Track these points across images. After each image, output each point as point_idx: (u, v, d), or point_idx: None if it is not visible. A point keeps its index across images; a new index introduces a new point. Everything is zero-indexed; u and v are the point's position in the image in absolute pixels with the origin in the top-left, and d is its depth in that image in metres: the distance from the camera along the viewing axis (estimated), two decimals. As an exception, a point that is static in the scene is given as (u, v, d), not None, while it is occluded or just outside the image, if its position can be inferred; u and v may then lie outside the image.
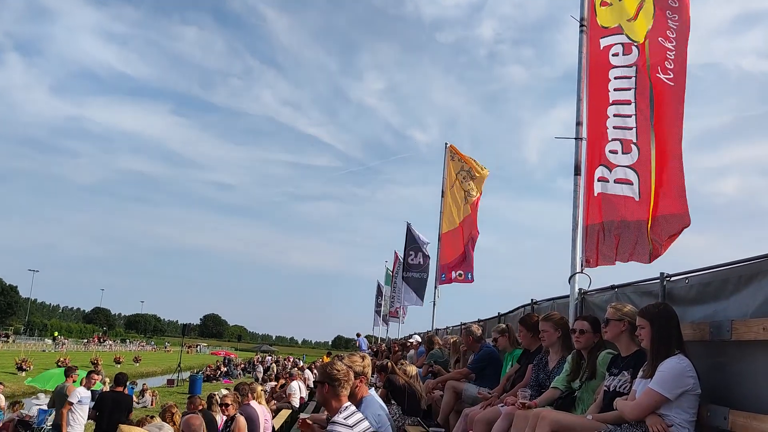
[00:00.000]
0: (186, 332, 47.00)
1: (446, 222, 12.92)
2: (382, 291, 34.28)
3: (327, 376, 4.36)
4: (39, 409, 15.68)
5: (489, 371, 6.91)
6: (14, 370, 33.59)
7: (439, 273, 13.06)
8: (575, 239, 5.59)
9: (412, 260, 19.30)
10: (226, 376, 40.66)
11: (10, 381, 29.84)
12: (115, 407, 10.19)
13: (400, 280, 21.82)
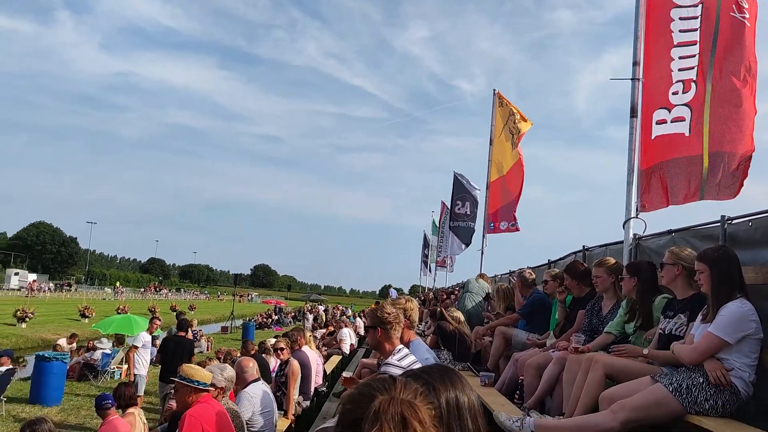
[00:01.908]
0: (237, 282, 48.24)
1: (494, 170, 12.74)
2: (429, 241, 34.37)
3: (378, 319, 4.40)
4: (102, 353, 16.48)
5: (539, 317, 6.88)
6: (78, 317, 35.23)
7: (487, 222, 12.96)
8: (630, 183, 5.45)
9: (459, 210, 19.17)
10: (277, 324, 41.81)
11: (74, 327, 31.33)
12: (178, 350, 10.67)
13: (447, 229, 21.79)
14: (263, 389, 6.62)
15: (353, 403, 1.06)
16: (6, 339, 24.69)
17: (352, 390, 1.11)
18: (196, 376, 5.00)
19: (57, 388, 13.03)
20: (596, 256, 6.63)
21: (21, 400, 12.80)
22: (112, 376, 16.08)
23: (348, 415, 1.05)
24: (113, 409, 6.91)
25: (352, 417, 1.04)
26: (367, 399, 1.04)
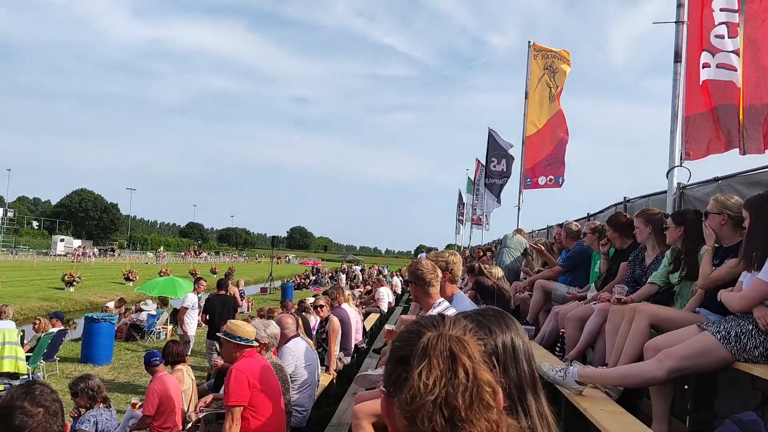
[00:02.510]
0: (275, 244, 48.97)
1: (530, 124, 12.53)
2: (464, 199, 34.22)
3: (413, 275, 4.42)
4: (148, 314, 16.95)
5: (580, 270, 6.82)
6: (122, 280, 36.24)
7: (523, 177, 12.81)
8: (674, 131, 5.30)
9: (495, 167, 18.99)
10: (314, 284, 42.40)
11: (119, 290, 32.26)
12: (224, 308, 11.00)
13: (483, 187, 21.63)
14: (305, 345, 6.75)
15: (402, 340, 1.06)
16: (56, 302, 25.56)
17: (401, 329, 1.11)
18: (240, 332, 5.10)
19: (106, 347, 13.50)
20: (638, 207, 6.51)
21: (73, 360, 13.31)
22: (158, 336, 16.57)
23: (397, 352, 1.05)
24: (162, 365, 7.11)
25: (400, 354, 1.04)
26: (416, 336, 1.04)
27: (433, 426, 0.94)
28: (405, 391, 0.97)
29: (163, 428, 6.63)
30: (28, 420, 2.18)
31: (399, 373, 1.01)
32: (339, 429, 6.30)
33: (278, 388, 5.19)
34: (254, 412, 4.83)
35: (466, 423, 0.94)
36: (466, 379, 0.96)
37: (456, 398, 0.94)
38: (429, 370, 0.96)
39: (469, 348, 1.00)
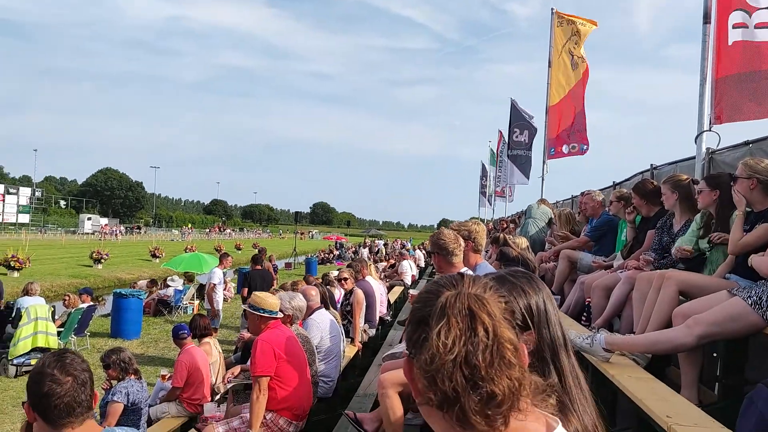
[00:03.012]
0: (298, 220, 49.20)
1: (554, 93, 12.33)
2: (487, 172, 33.97)
3: (436, 245, 4.41)
4: (175, 289, 17.20)
5: (607, 239, 6.74)
6: (149, 257, 36.80)
7: (547, 147, 12.65)
8: (702, 95, 5.17)
9: (517, 138, 18.79)
10: (338, 258, 42.63)
11: (146, 267, 32.77)
12: (263, 282, 11.24)
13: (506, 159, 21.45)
14: (329, 316, 6.79)
15: (421, 301, 1.04)
16: (85, 279, 26.05)
17: (420, 290, 1.09)
18: (264, 305, 5.14)
19: (135, 322, 13.74)
20: (665, 174, 6.39)
21: (103, 335, 13.58)
22: (185, 311, 16.81)
23: (417, 313, 1.03)
24: (189, 338, 7.21)
25: (420, 315, 1.02)
26: (434, 296, 1.02)
27: (453, 385, 0.92)
28: (424, 351, 0.95)
29: (192, 399, 6.75)
30: (56, 387, 2.23)
31: (419, 334, 1.00)
32: (365, 399, 6.35)
33: (304, 359, 5.24)
34: (281, 382, 4.88)
35: (486, 381, 0.92)
36: (486, 337, 0.94)
37: (476, 357, 0.93)
38: (447, 329, 0.95)
39: (488, 305, 0.98)
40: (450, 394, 0.92)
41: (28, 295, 10.92)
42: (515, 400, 0.94)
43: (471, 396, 0.92)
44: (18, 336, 10.19)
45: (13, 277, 23.59)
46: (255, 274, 12.10)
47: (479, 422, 0.92)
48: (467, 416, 0.92)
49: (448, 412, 0.93)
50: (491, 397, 0.92)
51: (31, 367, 10.15)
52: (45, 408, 2.25)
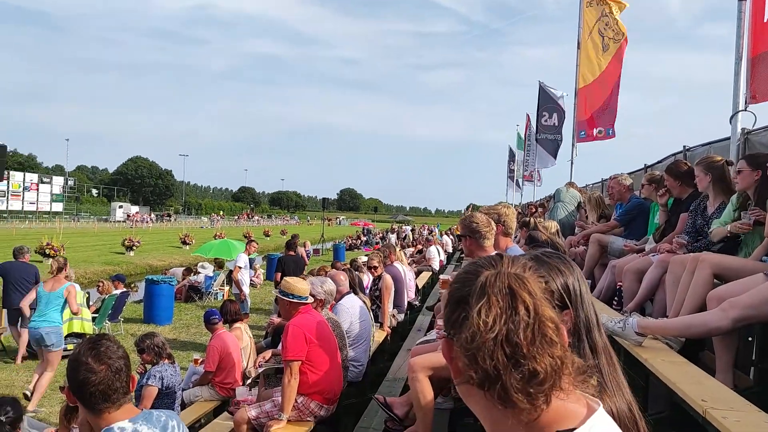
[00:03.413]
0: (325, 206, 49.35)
1: (583, 75, 12.15)
2: (515, 156, 33.69)
3: (467, 228, 4.38)
4: (205, 276, 17.43)
5: (637, 223, 6.65)
6: (179, 244, 37.32)
7: (576, 130, 12.50)
8: (738, 73, 5.04)
9: (546, 121, 18.60)
10: (365, 244, 42.71)
11: (177, 253, 33.25)
12: (296, 267, 11.42)
13: (534, 143, 21.26)
14: (359, 301, 6.82)
15: (460, 281, 1.04)
16: (117, 266, 26.52)
17: (458, 270, 1.09)
18: (293, 290, 5.18)
19: (167, 308, 13.97)
20: (699, 156, 6.27)
21: (136, 320, 13.82)
22: (215, 297, 17.03)
23: (455, 293, 1.03)
24: (221, 323, 7.31)
25: (459, 295, 1.02)
26: (473, 276, 1.01)
27: (494, 363, 0.92)
28: (465, 330, 0.95)
29: (224, 383, 6.85)
30: (90, 376, 2.30)
31: (458, 314, 0.99)
32: (394, 383, 6.39)
33: (335, 343, 5.28)
34: (312, 367, 4.93)
35: (528, 359, 0.92)
36: (527, 316, 0.94)
37: (517, 335, 0.93)
38: (488, 308, 0.94)
39: (529, 284, 0.97)
40: (491, 371, 0.92)
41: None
42: (557, 379, 0.93)
43: (512, 374, 0.92)
44: (55, 322, 10.42)
45: (48, 264, 24.11)
46: (288, 260, 12.25)
47: (521, 400, 0.92)
48: (509, 394, 0.92)
49: (489, 391, 0.93)
50: (533, 374, 0.92)
51: (68, 352, 10.41)
52: (82, 394, 2.33)
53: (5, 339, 10.93)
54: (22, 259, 10.73)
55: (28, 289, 10.35)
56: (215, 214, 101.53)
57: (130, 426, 2.33)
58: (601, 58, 11.41)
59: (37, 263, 14.41)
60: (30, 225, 58.52)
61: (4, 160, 10.94)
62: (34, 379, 8.41)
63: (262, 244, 32.85)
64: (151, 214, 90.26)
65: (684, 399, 2.77)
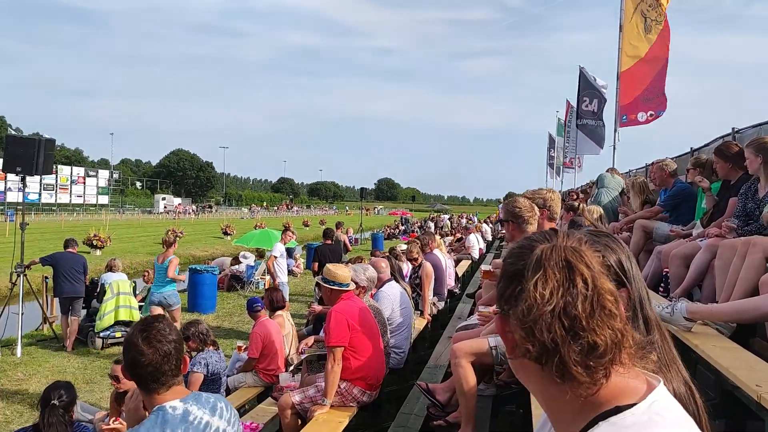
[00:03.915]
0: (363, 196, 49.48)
1: (626, 58, 11.87)
2: (555, 142, 33.21)
3: (509, 213, 4.36)
4: (247, 265, 17.68)
5: (683, 208, 6.50)
6: (221, 235, 37.94)
7: (619, 115, 12.24)
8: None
9: (587, 107, 18.24)
10: (404, 233, 42.72)
11: (218, 244, 33.80)
12: (332, 255, 11.54)
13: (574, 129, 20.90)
14: (399, 288, 6.83)
15: (514, 256, 1.03)
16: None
17: (512, 245, 1.08)
18: (335, 277, 5.22)
19: (210, 297, 14.23)
20: (749, 138, 6.08)
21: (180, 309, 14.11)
22: (257, 286, 17.26)
23: (509, 268, 1.02)
24: (263, 311, 7.41)
25: (513, 269, 1.00)
26: (528, 250, 1.00)
27: (552, 336, 0.91)
28: (521, 302, 0.94)
29: (267, 370, 6.95)
30: (140, 358, 2.38)
31: (513, 288, 0.98)
32: (436, 370, 6.39)
33: (377, 330, 5.30)
34: (354, 353, 4.96)
35: (588, 332, 0.90)
36: (585, 288, 0.93)
37: (575, 307, 0.91)
38: (545, 281, 0.93)
39: (586, 257, 0.96)
40: (549, 344, 0.91)
41: (112, 271, 11.44)
42: (617, 352, 0.92)
43: (571, 346, 0.90)
44: (103, 310, 10.72)
45: (95, 255, 24.80)
46: (325, 248, 12.38)
47: (580, 373, 0.90)
48: (567, 367, 0.90)
49: (547, 365, 0.92)
50: (593, 347, 0.90)
51: (116, 339, 10.71)
52: (133, 373, 2.42)
53: (57, 327, 11.26)
54: (71, 249, 11.03)
55: (76, 279, 10.68)
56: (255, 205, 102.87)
57: (181, 405, 2.39)
58: (645, 40, 11.13)
59: (85, 254, 14.79)
60: (78, 217, 60.19)
61: (53, 154, 11.23)
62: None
63: (302, 234, 33.20)
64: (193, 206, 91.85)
65: (737, 384, 2.70)
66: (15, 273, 10.83)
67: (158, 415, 2.33)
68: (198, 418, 2.39)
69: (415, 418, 5.12)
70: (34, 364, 9.65)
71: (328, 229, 13.50)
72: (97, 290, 11.34)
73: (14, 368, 9.34)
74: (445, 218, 49.75)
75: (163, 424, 2.30)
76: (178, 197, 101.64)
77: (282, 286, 12.63)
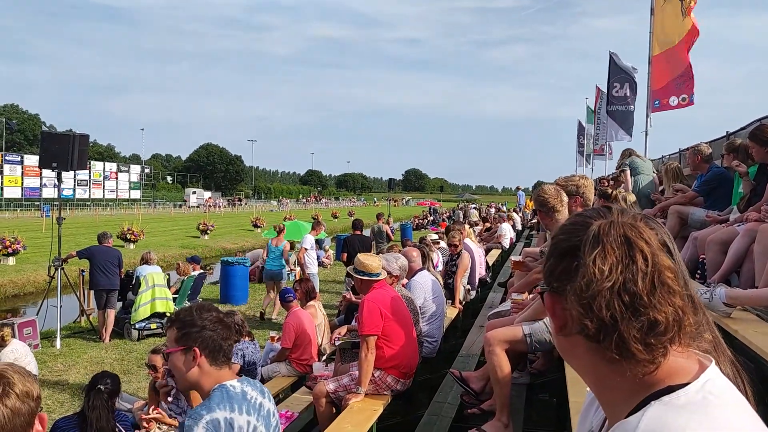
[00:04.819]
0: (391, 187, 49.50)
1: (658, 42, 11.65)
2: (584, 130, 32.78)
3: (537, 201, 4.36)
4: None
5: (719, 193, 6.37)
6: (251, 227, 38.32)
7: (651, 100, 12.03)
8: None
9: (617, 93, 17.95)
10: (432, 224, 42.67)
11: (249, 236, 34.14)
12: (361, 246, 11.65)
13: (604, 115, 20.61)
14: (431, 277, 6.83)
15: (567, 232, 1.01)
16: (193, 249, 27.44)
17: (563, 223, 1.06)
18: (365, 267, 5.24)
19: (242, 288, 14.40)
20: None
21: (213, 301, 14.27)
22: (288, 278, 17.41)
23: (562, 244, 1.00)
24: (296, 301, 7.48)
25: (566, 245, 0.99)
26: (582, 227, 0.99)
27: (611, 313, 0.90)
28: (579, 278, 0.93)
29: (300, 360, 7.01)
30: (221, 332, 2.48)
31: (568, 264, 0.97)
32: (468, 359, 6.38)
33: (410, 319, 5.32)
34: (388, 341, 4.98)
35: (649, 308, 0.89)
36: (644, 265, 0.92)
37: (635, 283, 0.90)
38: (603, 257, 0.92)
39: (644, 233, 0.95)
40: (608, 321, 0.90)
41: (147, 263, 11.62)
42: (678, 330, 0.91)
43: (632, 323, 0.89)
44: (138, 302, 10.91)
45: (129, 248, 25.24)
46: (354, 239, 12.44)
47: (640, 350, 0.90)
48: (627, 344, 0.90)
49: (605, 341, 0.91)
50: (653, 324, 0.89)
51: (152, 331, 10.90)
52: (211, 348, 2.46)
53: (93, 319, 11.51)
54: (106, 243, 11.23)
55: (112, 272, 10.88)
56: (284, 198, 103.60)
57: (239, 385, 2.47)
58: (679, 24, 10.91)
59: (119, 248, 15.06)
60: (111, 212, 61.27)
61: (87, 149, 11.43)
62: (266, 303, 13.10)
63: (330, 226, 33.35)
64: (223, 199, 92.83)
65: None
66: (53, 267, 11.09)
67: (222, 391, 2.39)
68: (254, 398, 2.47)
69: (449, 406, 5.12)
70: (72, 355, 9.88)
71: (357, 220, 13.58)
72: (132, 283, 11.54)
73: (54, 359, 9.58)
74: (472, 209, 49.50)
75: (229, 399, 2.37)
76: (208, 191, 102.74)
77: (312, 278, 12.73)
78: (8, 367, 1.74)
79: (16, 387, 1.68)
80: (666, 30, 11.25)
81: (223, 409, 2.31)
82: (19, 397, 1.67)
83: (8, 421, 1.64)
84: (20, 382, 1.70)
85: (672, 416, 0.87)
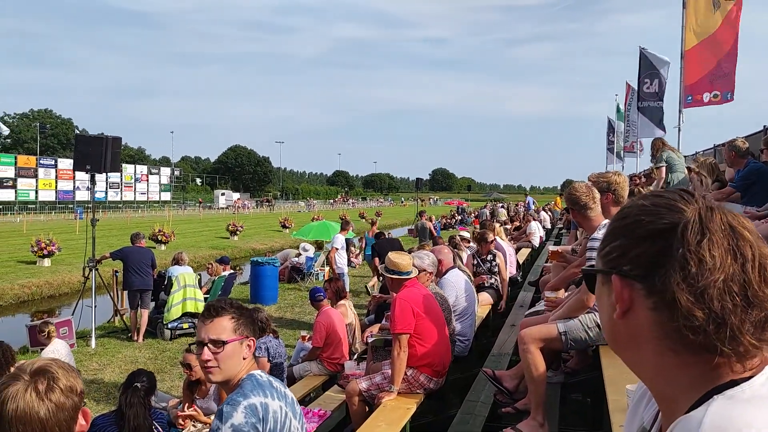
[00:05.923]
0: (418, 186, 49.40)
1: (690, 36, 11.44)
2: (614, 127, 32.37)
3: (568, 200, 4.33)
4: (306, 257, 17.92)
5: (757, 188, 6.25)
6: (279, 228, 38.60)
7: (683, 95, 11.82)
8: None
9: (648, 88, 17.67)
10: (460, 223, 42.48)
11: (278, 237, 34.39)
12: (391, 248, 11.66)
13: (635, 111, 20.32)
14: (463, 276, 6.80)
15: (650, 213, 0.93)
16: (223, 250, 27.73)
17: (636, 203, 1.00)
18: (396, 266, 5.23)
19: (272, 288, 14.48)
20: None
21: (243, 301, 14.36)
22: (317, 278, 17.48)
23: (646, 226, 0.92)
24: (326, 300, 7.50)
25: (651, 228, 0.91)
26: (666, 209, 0.92)
27: (722, 304, 0.86)
28: (687, 266, 0.87)
29: (331, 359, 7.03)
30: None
31: (653, 249, 0.90)
32: (500, 358, 6.33)
33: (442, 317, 5.29)
34: (420, 339, 4.96)
35: (763, 300, 0.86)
36: (752, 255, 0.87)
37: (747, 274, 0.86)
38: (712, 245, 0.88)
39: (746, 222, 0.91)
40: (719, 312, 0.86)
41: (178, 264, 11.76)
42: None
43: (746, 314, 0.86)
44: (170, 302, 11.05)
45: (160, 249, 25.60)
46: (384, 243, 12.55)
47: (753, 343, 0.86)
48: (740, 337, 0.86)
49: (718, 333, 0.86)
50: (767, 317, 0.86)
51: (184, 330, 11.02)
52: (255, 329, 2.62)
53: (127, 319, 11.67)
54: (139, 244, 11.38)
55: (145, 272, 11.03)
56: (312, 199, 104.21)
57: (265, 375, 2.52)
58: (712, 17, 10.71)
59: (151, 249, 15.28)
60: (142, 214, 62.19)
61: (120, 152, 11.60)
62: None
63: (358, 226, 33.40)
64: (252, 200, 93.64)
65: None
66: (87, 268, 11.28)
67: (252, 380, 2.44)
68: (279, 388, 2.50)
69: (482, 405, 5.08)
70: (107, 354, 10.04)
71: (380, 232, 14.85)
72: (164, 283, 11.69)
73: (89, 359, 9.74)
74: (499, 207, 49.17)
75: (260, 386, 2.42)
76: (237, 192, 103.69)
77: (342, 277, 12.78)
78: (52, 362, 1.76)
79: (60, 382, 1.70)
80: (700, 23, 11.05)
81: (257, 395, 2.37)
82: (63, 392, 1.69)
83: (52, 416, 1.66)
84: (64, 377, 1.72)
85: (738, 411, 0.83)
